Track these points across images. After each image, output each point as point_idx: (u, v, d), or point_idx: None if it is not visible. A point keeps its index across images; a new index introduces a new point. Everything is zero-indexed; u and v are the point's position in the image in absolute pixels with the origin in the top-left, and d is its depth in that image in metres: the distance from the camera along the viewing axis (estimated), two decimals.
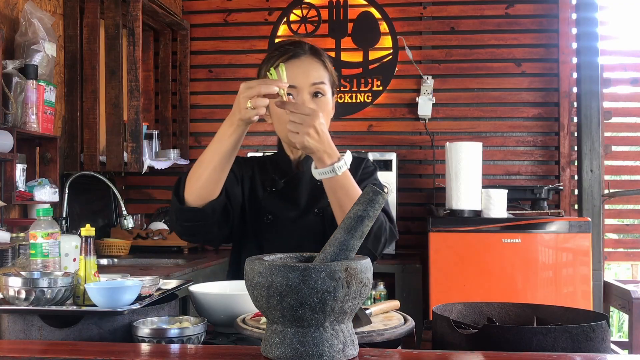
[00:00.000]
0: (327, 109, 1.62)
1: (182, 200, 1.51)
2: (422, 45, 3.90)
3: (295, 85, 1.57)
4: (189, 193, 1.49)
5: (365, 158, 1.77)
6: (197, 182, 1.47)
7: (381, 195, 1.04)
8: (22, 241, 2.33)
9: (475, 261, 3.07)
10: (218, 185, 1.49)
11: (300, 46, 1.62)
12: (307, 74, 1.58)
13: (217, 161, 1.44)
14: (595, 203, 3.43)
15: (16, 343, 1.18)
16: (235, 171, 1.63)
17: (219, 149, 1.43)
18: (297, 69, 1.58)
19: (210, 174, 1.45)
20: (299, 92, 1.57)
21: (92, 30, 3.21)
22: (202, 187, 1.47)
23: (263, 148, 3.93)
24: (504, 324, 1.27)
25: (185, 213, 1.51)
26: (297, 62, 1.60)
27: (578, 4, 3.57)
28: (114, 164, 3.23)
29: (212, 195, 1.50)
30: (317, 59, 1.62)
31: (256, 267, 0.98)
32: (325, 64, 1.63)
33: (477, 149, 3.23)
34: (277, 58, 1.61)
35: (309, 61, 1.61)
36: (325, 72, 1.62)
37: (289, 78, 1.55)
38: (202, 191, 1.48)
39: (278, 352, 0.98)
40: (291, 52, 1.61)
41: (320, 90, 1.59)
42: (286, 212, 1.64)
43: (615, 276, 5.45)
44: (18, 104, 2.61)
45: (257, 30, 4.01)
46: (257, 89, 1.33)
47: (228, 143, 1.42)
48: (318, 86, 1.58)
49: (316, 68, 1.60)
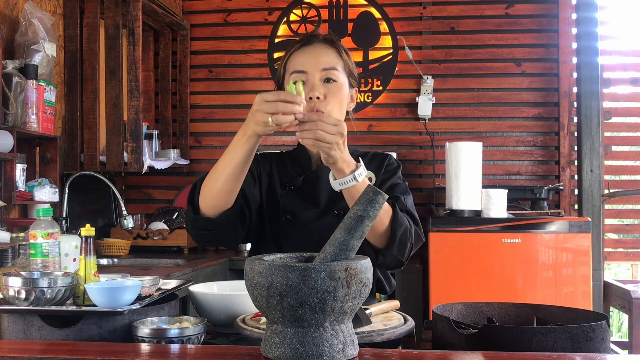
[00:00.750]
0: (340, 96, 1.58)
1: (196, 209, 1.49)
2: (422, 45, 3.90)
3: (305, 70, 1.55)
4: (203, 202, 1.47)
5: (388, 155, 1.73)
6: (210, 191, 1.45)
7: (381, 195, 1.04)
8: (22, 241, 2.33)
9: (475, 261, 3.07)
10: (232, 195, 1.46)
11: (315, 35, 1.62)
12: (317, 58, 1.56)
13: (230, 171, 1.40)
14: (595, 203, 3.43)
15: (16, 343, 1.18)
16: (252, 170, 1.60)
17: (232, 159, 1.39)
18: (308, 54, 1.58)
19: (224, 184, 1.42)
20: (308, 77, 1.55)
21: (92, 30, 3.21)
22: (215, 197, 1.45)
23: (263, 148, 3.93)
24: (504, 324, 1.27)
25: (200, 222, 1.49)
26: (309, 48, 1.59)
27: (578, 4, 3.57)
28: (114, 164, 3.23)
29: (226, 205, 1.47)
30: (330, 46, 1.60)
31: (256, 267, 0.98)
32: (339, 52, 1.60)
33: (477, 149, 3.23)
34: (292, 47, 1.61)
35: (321, 47, 1.59)
36: (338, 60, 1.59)
37: (301, 64, 1.56)
38: (215, 201, 1.45)
39: (278, 352, 0.98)
40: (305, 40, 1.61)
41: (332, 76, 1.56)
42: (305, 211, 1.62)
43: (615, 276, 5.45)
44: (18, 104, 2.61)
45: (257, 30, 4.01)
46: (275, 106, 1.28)
47: (241, 153, 1.37)
48: (329, 72, 1.56)
49: (327, 54, 1.58)
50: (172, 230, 3.54)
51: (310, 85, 1.54)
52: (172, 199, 4.00)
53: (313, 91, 1.53)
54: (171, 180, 4.04)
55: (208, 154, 4.04)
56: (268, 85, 3.96)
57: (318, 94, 1.53)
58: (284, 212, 1.62)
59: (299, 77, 1.55)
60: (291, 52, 1.61)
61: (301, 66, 1.56)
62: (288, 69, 1.60)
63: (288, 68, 1.60)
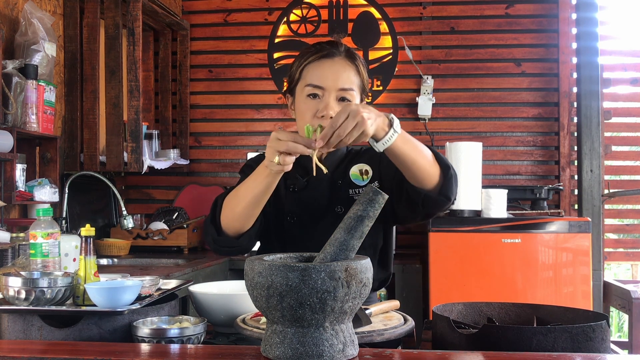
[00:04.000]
0: None
1: (219, 230, 1.52)
2: (422, 45, 3.90)
3: (323, 87, 1.53)
4: (225, 223, 1.50)
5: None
6: (231, 213, 1.48)
7: (381, 195, 1.04)
8: (22, 241, 2.33)
9: (475, 261, 3.07)
10: (252, 218, 1.49)
11: (336, 47, 1.59)
12: (337, 76, 1.54)
13: (250, 198, 1.43)
14: (595, 203, 3.43)
15: (16, 343, 1.18)
16: None
17: (252, 187, 1.42)
18: (328, 69, 1.55)
19: (244, 209, 1.46)
20: (324, 93, 1.53)
21: (92, 30, 3.21)
22: (236, 220, 1.48)
23: (263, 148, 3.92)
24: (504, 324, 1.27)
25: (223, 242, 1.53)
26: (329, 62, 1.56)
27: (578, 4, 3.57)
28: (114, 164, 3.23)
29: (247, 226, 1.51)
30: (351, 63, 1.58)
31: (256, 267, 0.98)
32: (358, 69, 1.59)
33: (477, 149, 3.23)
34: (312, 55, 1.58)
35: (342, 64, 1.57)
36: (356, 78, 1.57)
37: (319, 79, 1.54)
38: (237, 223, 1.49)
39: (278, 352, 0.98)
40: (326, 51, 1.58)
41: (348, 97, 1.54)
42: (309, 211, 1.63)
43: (615, 276, 5.45)
44: (18, 104, 2.61)
45: (257, 30, 4.01)
46: (285, 146, 1.27)
47: (261, 185, 1.40)
48: (346, 92, 1.54)
49: (347, 72, 1.56)
50: (172, 230, 3.55)
51: (324, 103, 1.53)
52: (172, 199, 4.00)
53: (327, 110, 1.51)
54: (171, 180, 4.04)
55: (208, 154, 4.04)
56: (268, 85, 3.96)
57: (332, 113, 1.51)
58: (288, 213, 1.63)
59: (315, 90, 1.53)
60: (311, 61, 1.58)
61: (319, 81, 1.54)
62: (304, 77, 1.57)
63: (304, 76, 1.58)
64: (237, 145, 4.01)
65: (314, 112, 1.53)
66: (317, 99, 1.54)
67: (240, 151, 3.98)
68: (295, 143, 1.27)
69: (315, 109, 1.53)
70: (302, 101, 1.56)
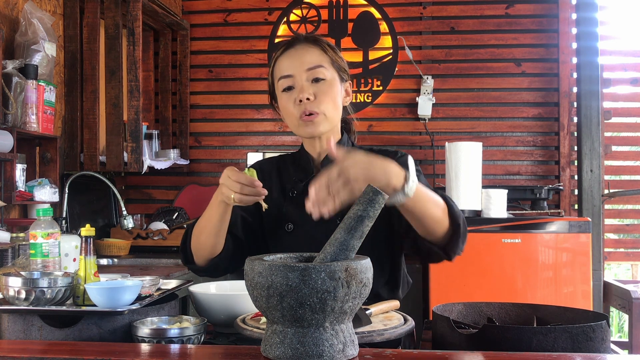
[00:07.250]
0: (332, 93, 1.53)
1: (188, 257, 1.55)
2: (422, 45, 3.90)
3: (291, 74, 1.53)
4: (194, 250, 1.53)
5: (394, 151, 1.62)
6: (196, 243, 1.51)
7: (381, 195, 1.04)
8: (22, 241, 2.33)
9: (475, 261, 3.07)
10: (216, 247, 1.50)
11: (296, 37, 1.59)
12: (301, 60, 1.53)
13: (209, 229, 1.46)
14: (595, 203, 3.42)
15: (16, 343, 1.18)
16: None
17: (209, 217, 1.44)
18: (291, 57, 1.55)
19: (206, 238, 1.48)
20: (295, 79, 1.53)
21: (92, 30, 3.21)
22: (200, 249, 1.51)
23: (263, 148, 3.93)
24: (504, 324, 1.27)
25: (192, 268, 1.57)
26: (292, 50, 1.56)
27: (578, 4, 3.57)
28: (114, 164, 3.23)
29: (212, 254, 1.52)
30: (313, 45, 1.56)
31: (256, 267, 0.98)
32: (323, 48, 1.56)
33: (477, 149, 3.23)
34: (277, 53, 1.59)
35: (303, 47, 1.56)
36: (323, 56, 1.55)
37: (286, 68, 1.54)
38: (201, 252, 1.51)
39: (278, 352, 0.98)
40: (287, 44, 1.58)
41: (319, 75, 1.53)
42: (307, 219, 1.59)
43: (615, 276, 5.45)
44: (18, 104, 2.61)
45: (257, 30, 4.01)
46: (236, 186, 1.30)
47: (216, 214, 1.41)
48: (315, 70, 1.52)
49: (311, 53, 1.54)
50: (172, 230, 3.54)
51: (298, 88, 1.52)
52: (172, 199, 4.00)
53: (302, 93, 1.50)
54: (171, 180, 4.04)
55: (208, 154, 4.04)
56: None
57: (307, 95, 1.50)
58: (286, 221, 1.59)
59: (286, 82, 1.53)
60: (276, 59, 1.59)
61: (286, 70, 1.54)
62: (275, 76, 1.58)
63: (275, 75, 1.58)
64: (237, 145, 4.01)
65: (293, 103, 1.52)
66: (292, 90, 1.53)
67: (240, 151, 3.98)
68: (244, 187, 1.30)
69: (294, 99, 1.52)
70: (281, 98, 1.56)
